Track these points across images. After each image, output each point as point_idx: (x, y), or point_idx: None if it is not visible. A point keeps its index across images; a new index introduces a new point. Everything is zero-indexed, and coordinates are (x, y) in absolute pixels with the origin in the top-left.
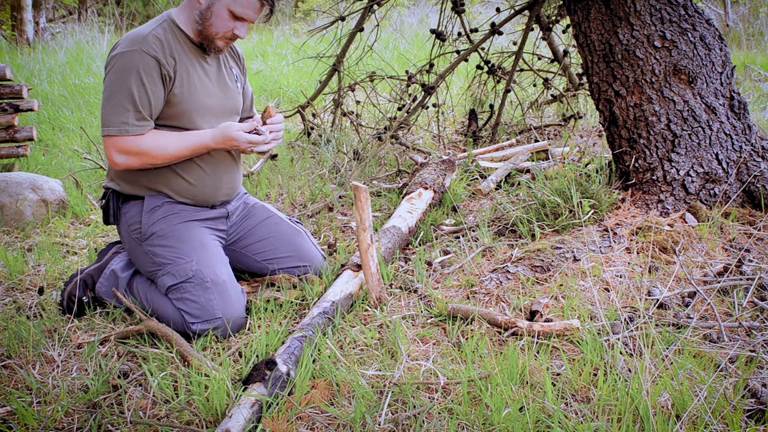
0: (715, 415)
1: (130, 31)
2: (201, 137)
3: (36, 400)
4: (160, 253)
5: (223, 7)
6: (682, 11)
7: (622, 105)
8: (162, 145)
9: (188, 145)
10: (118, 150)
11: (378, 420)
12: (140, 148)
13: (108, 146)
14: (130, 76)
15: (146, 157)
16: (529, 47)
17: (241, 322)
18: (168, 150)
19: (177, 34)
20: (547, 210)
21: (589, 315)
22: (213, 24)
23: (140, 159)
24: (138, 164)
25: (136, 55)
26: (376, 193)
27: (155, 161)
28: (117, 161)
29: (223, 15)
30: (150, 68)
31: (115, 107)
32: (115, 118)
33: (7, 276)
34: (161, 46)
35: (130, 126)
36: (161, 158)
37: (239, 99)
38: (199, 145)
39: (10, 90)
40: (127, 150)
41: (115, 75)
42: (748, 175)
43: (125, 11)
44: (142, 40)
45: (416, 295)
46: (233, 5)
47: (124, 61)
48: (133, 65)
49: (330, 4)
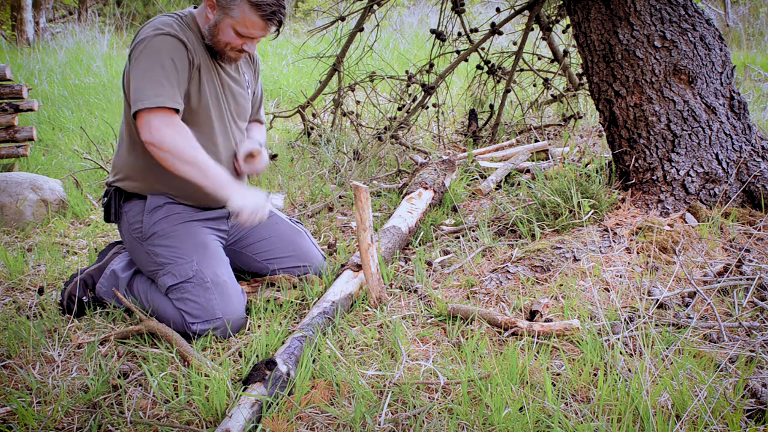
0: (715, 415)
1: (150, 20)
2: (227, 180)
3: (36, 400)
4: (161, 252)
5: (227, 26)
6: (682, 11)
7: (622, 105)
8: (195, 146)
9: (217, 173)
10: (153, 126)
11: (378, 420)
12: (176, 127)
13: (141, 123)
14: (161, 55)
15: (180, 138)
16: (529, 47)
17: (241, 323)
18: (198, 155)
19: (196, 32)
20: (547, 210)
21: (589, 315)
22: (220, 39)
23: (174, 139)
24: (169, 143)
25: (167, 38)
26: (376, 193)
27: (183, 153)
28: (152, 136)
29: (229, 33)
30: (179, 51)
31: (149, 82)
32: (150, 92)
33: (7, 276)
34: (186, 35)
35: (165, 98)
36: (186, 156)
37: (248, 105)
38: (223, 179)
39: (10, 90)
40: (162, 124)
41: (146, 57)
42: (748, 175)
43: (125, 11)
44: (170, 25)
45: (416, 295)
46: (237, 26)
47: (154, 44)
48: (164, 47)
49: (330, 4)
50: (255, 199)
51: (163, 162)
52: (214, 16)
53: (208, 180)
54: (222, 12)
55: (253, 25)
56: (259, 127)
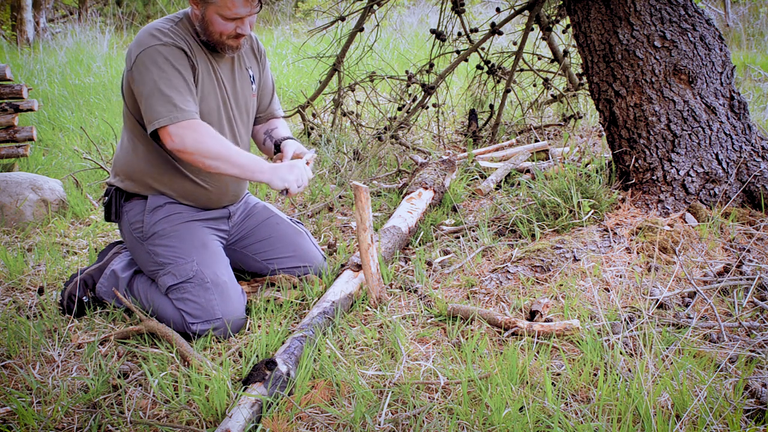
0: (715, 415)
1: (145, 26)
2: (259, 165)
3: (36, 400)
4: (161, 252)
5: (213, 14)
6: (682, 11)
7: (622, 105)
8: (219, 141)
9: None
10: (177, 135)
11: (378, 420)
12: (196, 129)
13: (164, 137)
14: (165, 66)
15: (204, 140)
16: (529, 47)
17: (241, 323)
18: (222, 150)
19: (192, 34)
20: (547, 210)
21: (589, 315)
22: (213, 30)
23: (196, 141)
24: (192, 146)
25: (166, 49)
26: (376, 193)
27: (210, 151)
28: (175, 144)
29: (217, 20)
30: (179, 57)
31: (160, 99)
32: (161, 108)
33: (7, 276)
34: (182, 39)
35: (178, 112)
36: (213, 152)
37: (252, 101)
38: (255, 166)
39: (10, 90)
40: (181, 130)
41: (150, 72)
42: (748, 175)
43: (125, 11)
44: (166, 34)
45: (416, 295)
46: (220, 10)
47: (156, 57)
48: (166, 58)
49: (330, 4)
50: (294, 171)
51: (194, 164)
52: (199, 11)
53: (241, 170)
54: (203, 3)
55: (233, 3)
56: (283, 125)
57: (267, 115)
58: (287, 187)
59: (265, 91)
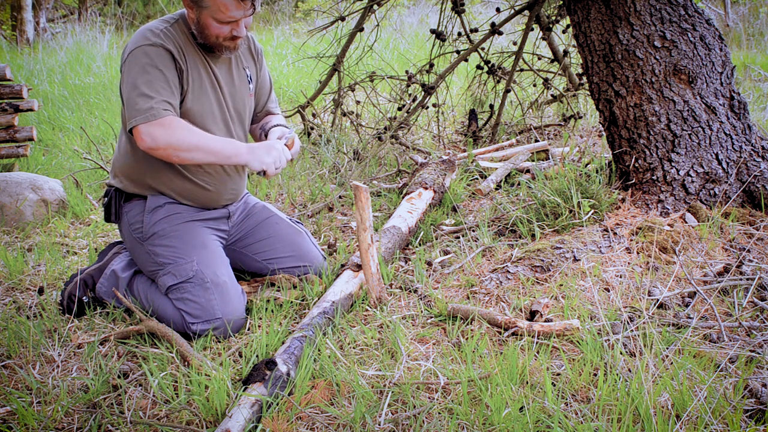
0: (715, 415)
1: (142, 27)
2: (236, 148)
3: (36, 400)
4: (161, 252)
5: (208, 18)
6: (682, 11)
7: (622, 105)
8: (191, 131)
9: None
10: (148, 133)
11: (378, 420)
12: (168, 125)
13: (137, 137)
14: (146, 68)
15: (175, 133)
16: (529, 47)
17: (241, 323)
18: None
19: (187, 35)
20: (547, 210)
21: (589, 315)
22: (208, 33)
23: (168, 135)
24: (164, 141)
25: (151, 49)
26: (376, 193)
27: (181, 143)
28: (146, 143)
29: (212, 23)
30: (164, 58)
31: (138, 98)
32: (139, 107)
33: (7, 276)
34: (173, 41)
35: (156, 111)
36: (186, 144)
37: (249, 102)
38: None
39: (10, 90)
40: (152, 129)
41: (132, 71)
42: (748, 175)
43: (125, 11)
44: (157, 35)
45: (416, 295)
46: (214, 14)
47: (139, 57)
48: (148, 59)
49: (330, 4)
50: (272, 153)
51: (169, 159)
52: (194, 14)
53: (217, 156)
54: (197, 7)
55: (226, 7)
56: (277, 116)
57: (264, 112)
58: (265, 168)
59: (262, 91)
